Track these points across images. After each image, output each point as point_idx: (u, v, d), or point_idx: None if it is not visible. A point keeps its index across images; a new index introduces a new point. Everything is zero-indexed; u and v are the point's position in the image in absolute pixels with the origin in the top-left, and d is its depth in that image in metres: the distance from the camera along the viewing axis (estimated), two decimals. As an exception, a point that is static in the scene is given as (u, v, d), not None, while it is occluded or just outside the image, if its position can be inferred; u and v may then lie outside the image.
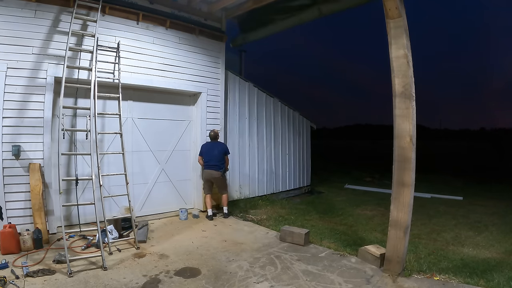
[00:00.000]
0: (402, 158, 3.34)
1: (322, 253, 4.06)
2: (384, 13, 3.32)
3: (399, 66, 3.31)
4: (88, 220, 4.71)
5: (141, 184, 5.56)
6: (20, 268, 3.31)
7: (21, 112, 4.15)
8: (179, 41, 5.72)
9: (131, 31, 5.13)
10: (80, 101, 4.75)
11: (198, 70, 5.98)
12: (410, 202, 3.34)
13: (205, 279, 3.26)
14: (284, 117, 8.36)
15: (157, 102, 5.78)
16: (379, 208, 6.88)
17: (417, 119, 3.34)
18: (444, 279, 3.31)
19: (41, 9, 4.28)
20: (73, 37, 4.53)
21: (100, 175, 4.14)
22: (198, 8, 6.01)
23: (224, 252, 4.05)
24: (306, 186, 9.28)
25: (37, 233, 3.86)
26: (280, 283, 3.21)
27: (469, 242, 4.77)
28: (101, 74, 4.74)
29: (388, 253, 3.48)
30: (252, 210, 6.36)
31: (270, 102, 7.97)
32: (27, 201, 4.08)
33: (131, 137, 5.39)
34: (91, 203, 3.81)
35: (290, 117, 8.62)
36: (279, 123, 8.19)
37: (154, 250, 4.05)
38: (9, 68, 4.05)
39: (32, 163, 4.17)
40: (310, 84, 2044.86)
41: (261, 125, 7.66)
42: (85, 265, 3.49)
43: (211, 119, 6.16)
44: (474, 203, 7.71)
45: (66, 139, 4.71)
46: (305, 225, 5.19)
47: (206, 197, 5.77)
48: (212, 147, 5.70)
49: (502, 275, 3.43)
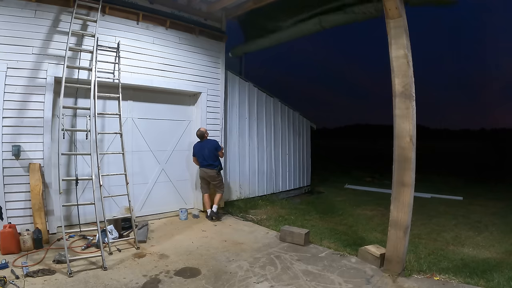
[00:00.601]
0: (402, 158, 3.34)
1: (322, 253, 4.06)
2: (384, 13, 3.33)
3: (399, 66, 3.31)
4: (88, 220, 4.70)
5: (141, 184, 5.56)
6: (20, 268, 3.31)
7: (21, 112, 4.15)
8: (179, 41, 5.72)
9: (131, 31, 5.13)
10: (80, 101, 4.75)
11: (198, 70, 5.98)
12: (410, 202, 3.34)
13: (205, 279, 3.26)
14: (284, 117, 8.36)
15: (157, 102, 5.78)
16: (379, 208, 6.87)
17: (417, 119, 3.34)
18: (444, 279, 3.31)
19: (41, 9, 4.28)
20: (73, 37, 4.52)
21: (100, 175, 4.14)
22: (198, 8, 6.01)
23: (224, 252, 4.05)
24: (306, 186, 9.28)
25: (37, 233, 3.86)
26: (280, 283, 3.21)
27: (469, 242, 4.77)
28: (101, 74, 4.74)
29: (388, 253, 3.48)
30: (252, 210, 6.36)
31: (270, 102, 7.97)
32: (27, 201, 4.08)
33: (131, 137, 5.39)
34: (91, 203, 3.80)
35: (290, 117, 8.62)
36: (279, 123, 8.19)
37: (154, 250, 4.05)
38: (9, 68, 4.05)
39: (32, 163, 4.17)
40: (310, 84, 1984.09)
41: (261, 125, 7.66)
42: (85, 265, 3.49)
43: (211, 119, 6.15)
44: (474, 203, 7.71)
45: (66, 139, 4.70)
46: (305, 225, 5.19)
47: (204, 196, 5.75)
48: (202, 146, 5.59)
49: (502, 275, 3.43)
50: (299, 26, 5.58)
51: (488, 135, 67.77)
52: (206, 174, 5.58)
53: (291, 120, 8.69)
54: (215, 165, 5.56)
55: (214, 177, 5.58)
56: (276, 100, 8.11)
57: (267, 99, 7.88)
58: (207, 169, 5.56)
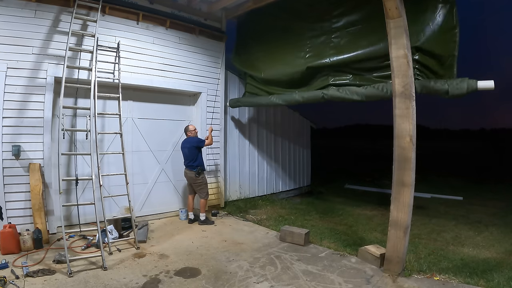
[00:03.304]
0: (402, 158, 3.34)
1: (322, 253, 4.06)
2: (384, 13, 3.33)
3: (399, 66, 3.31)
4: (88, 220, 4.70)
5: (141, 184, 5.56)
6: (20, 268, 3.31)
7: (21, 112, 4.15)
8: (179, 41, 5.72)
9: (131, 31, 5.13)
10: (80, 101, 4.75)
11: (198, 70, 5.99)
12: (410, 202, 3.34)
13: (205, 279, 3.27)
14: (284, 116, 8.35)
15: (157, 102, 5.78)
16: (379, 208, 6.87)
17: (417, 119, 3.34)
18: (444, 279, 3.31)
19: (41, 9, 4.28)
20: (73, 37, 4.53)
21: (100, 175, 4.14)
22: (198, 8, 6.01)
23: (224, 252, 4.05)
24: (306, 186, 9.28)
25: (37, 233, 3.86)
26: (280, 283, 3.21)
27: (469, 242, 4.76)
28: (101, 74, 4.74)
29: (388, 253, 3.48)
30: (252, 210, 6.36)
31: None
32: (27, 201, 4.08)
33: (131, 137, 5.39)
34: (91, 203, 3.81)
35: (290, 117, 8.62)
36: (279, 123, 8.18)
37: (154, 250, 4.05)
38: (9, 68, 4.05)
39: (32, 163, 4.17)
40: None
41: (261, 125, 7.66)
42: (85, 265, 3.49)
43: (211, 119, 6.15)
44: (474, 203, 7.70)
45: (66, 139, 4.70)
46: (305, 225, 5.19)
47: (188, 197, 5.48)
48: (183, 145, 5.34)
49: (502, 275, 3.42)
50: (301, 95, 5.31)
51: (488, 135, 67.70)
52: (187, 175, 5.32)
53: (291, 120, 8.69)
54: (194, 166, 5.20)
55: (193, 178, 5.23)
56: (276, 100, 8.09)
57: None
58: (186, 169, 5.30)
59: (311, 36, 5.14)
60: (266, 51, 5.90)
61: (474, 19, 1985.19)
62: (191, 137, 5.38)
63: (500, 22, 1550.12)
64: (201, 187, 5.31)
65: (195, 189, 5.37)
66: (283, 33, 5.59)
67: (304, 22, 5.26)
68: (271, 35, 5.82)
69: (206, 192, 5.38)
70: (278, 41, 5.65)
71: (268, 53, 5.86)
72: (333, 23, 4.82)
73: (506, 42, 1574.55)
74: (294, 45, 5.36)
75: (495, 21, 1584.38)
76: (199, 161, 5.28)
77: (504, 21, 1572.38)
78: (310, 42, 5.15)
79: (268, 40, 5.88)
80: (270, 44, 5.81)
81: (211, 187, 6.22)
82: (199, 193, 5.34)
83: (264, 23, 5.96)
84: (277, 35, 5.69)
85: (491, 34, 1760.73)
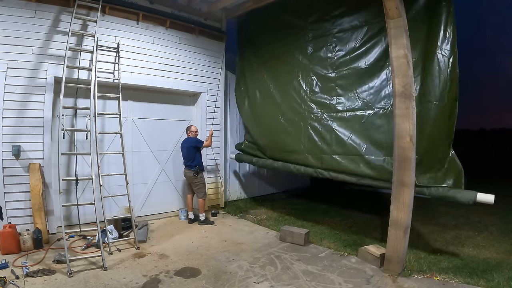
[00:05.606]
0: (402, 158, 3.34)
1: (322, 253, 4.06)
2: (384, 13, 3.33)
3: (399, 66, 3.31)
4: (88, 220, 4.70)
5: (141, 184, 5.56)
6: (20, 268, 3.31)
7: (21, 112, 4.15)
8: (179, 41, 5.71)
9: (131, 31, 5.13)
10: (80, 101, 4.75)
11: (198, 70, 5.98)
12: (410, 202, 3.34)
13: (205, 279, 3.27)
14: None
15: (157, 102, 5.77)
16: (379, 208, 6.86)
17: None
18: (444, 279, 3.31)
19: (41, 9, 4.28)
20: (73, 37, 4.52)
21: (100, 175, 4.14)
22: (198, 8, 6.01)
23: (224, 252, 4.05)
24: (306, 186, 9.27)
25: (37, 233, 3.86)
26: (280, 283, 3.21)
27: (469, 242, 4.76)
28: (101, 74, 4.74)
29: (388, 253, 3.49)
30: (252, 210, 6.36)
31: (270, 102, 7.94)
32: (27, 201, 4.08)
33: (131, 137, 5.39)
34: (91, 203, 3.81)
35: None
36: (279, 123, 8.16)
37: (154, 250, 4.05)
38: (9, 68, 4.05)
39: (32, 163, 4.17)
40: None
41: (261, 125, 7.65)
42: (85, 265, 3.49)
43: (211, 119, 6.15)
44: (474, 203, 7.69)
45: (66, 139, 4.70)
46: (305, 225, 5.19)
47: (187, 197, 5.54)
48: (183, 144, 5.42)
49: (502, 275, 3.43)
50: (297, 168, 5.40)
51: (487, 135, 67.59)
52: (186, 174, 5.39)
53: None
54: (192, 166, 5.26)
55: (191, 178, 5.30)
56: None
57: (267, 99, 7.85)
58: (185, 169, 5.37)
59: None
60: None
61: (474, 18, 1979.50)
62: (190, 137, 5.41)
63: (501, 21, 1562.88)
64: (199, 186, 5.34)
65: (193, 188, 5.40)
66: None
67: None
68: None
69: (204, 192, 5.41)
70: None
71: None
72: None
73: (507, 41, 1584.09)
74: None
75: (496, 21, 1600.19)
76: (197, 161, 5.31)
77: (505, 20, 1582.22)
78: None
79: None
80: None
81: (211, 187, 6.23)
82: (197, 193, 5.37)
83: (264, 25, 5.85)
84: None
85: (492, 34, 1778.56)
